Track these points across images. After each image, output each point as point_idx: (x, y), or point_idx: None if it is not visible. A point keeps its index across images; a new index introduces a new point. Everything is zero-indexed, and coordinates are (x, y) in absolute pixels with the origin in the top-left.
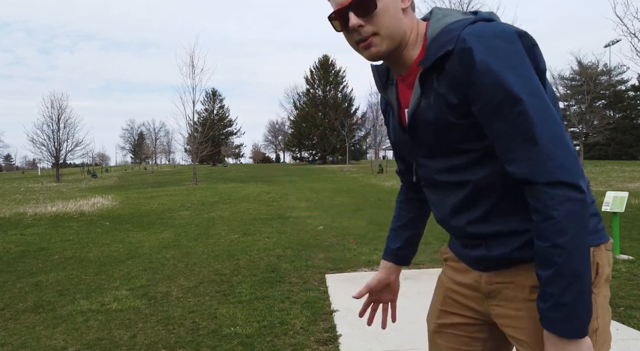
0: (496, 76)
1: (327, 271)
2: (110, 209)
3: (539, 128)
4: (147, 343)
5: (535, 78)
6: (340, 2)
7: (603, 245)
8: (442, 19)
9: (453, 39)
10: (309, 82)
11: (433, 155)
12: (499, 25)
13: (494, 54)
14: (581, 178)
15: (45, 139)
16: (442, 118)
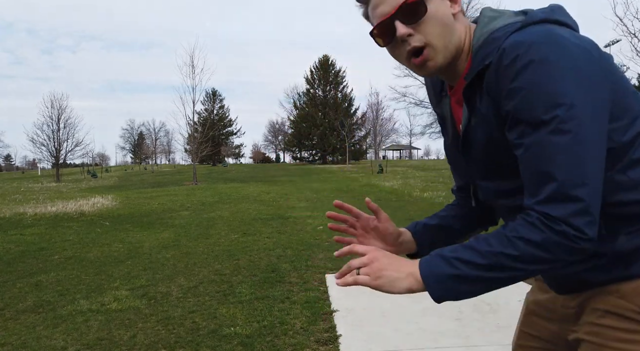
0: (535, 93)
1: (327, 272)
2: (110, 209)
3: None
4: (147, 343)
5: (584, 97)
6: (385, 12)
7: None
8: (489, 23)
9: (494, 50)
10: (309, 82)
11: (490, 177)
12: (548, 33)
13: (533, 69)
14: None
15: (45, 139)
16: (489, 137)
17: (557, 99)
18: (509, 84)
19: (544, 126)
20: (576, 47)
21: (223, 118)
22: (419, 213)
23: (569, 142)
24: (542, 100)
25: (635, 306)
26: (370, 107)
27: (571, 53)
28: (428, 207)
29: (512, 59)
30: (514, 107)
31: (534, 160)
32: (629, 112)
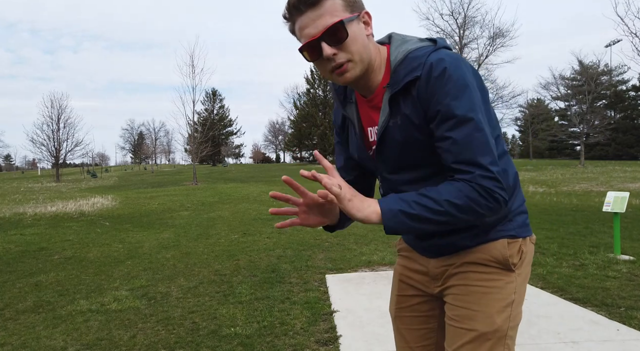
0: (461, 94)
1: (327, 272)
2: (110, 209)
3: (480, 145)
4: (147, 344)
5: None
6: (311, 34)
7: (528, 238)
8: (402, 44)
9: (420, 65)
10: (309, 82)
11: (398, 170)
12: (457, 55)
13: (456, 79)
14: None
15: (45, 139)
16: (408, 136)
17: (475, 103)
18: (442, 89)
19: (468, 122)
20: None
21: (223, 118)
22: None
23: (484, 134)
24: (468, 102)
25: (490, 257)
26: None
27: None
28: None
29: (441, 70)
30: (446, 106)
31: (462, 146)
32: (492, 120)
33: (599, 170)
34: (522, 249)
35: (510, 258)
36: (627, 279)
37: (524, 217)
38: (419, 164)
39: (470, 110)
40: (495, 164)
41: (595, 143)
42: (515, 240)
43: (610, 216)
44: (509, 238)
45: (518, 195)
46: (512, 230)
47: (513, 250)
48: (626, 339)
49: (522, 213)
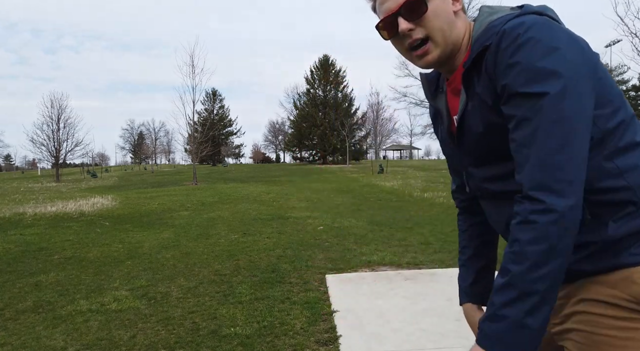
0: (530, 68)
1: (327, 272)
2: (110, 209)
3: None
4: (147, 344)
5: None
6: (390, 9)
7: None
8: (487, 17)
9: (493, 35)
10: (309, 82)
11: (480, 162)
12: (544, 19)
13: (532, 46)
14: (557, 195)
15: (45, 139)
16: (486, 120)
17: (549, 76)
18: (508, 59)
19: (535, 98)
20: (569, 35)
21: (223, 118)
22: (419, 213)
23: (556, 120)
24: (536, 74)
25: (626, 295)
26: (371, 107)
27: (565, 38)
28: (428, 207)
29: (514, 37)
30: (511, 80)
31: (523, 137)
32: (611, 103)
33: None
34: None
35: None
36: None
37: None
38: (504, 155)
39: (549, 84)
40: (570, 192)
41: None
42: None
43: None
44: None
45: None
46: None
47: None
48: None
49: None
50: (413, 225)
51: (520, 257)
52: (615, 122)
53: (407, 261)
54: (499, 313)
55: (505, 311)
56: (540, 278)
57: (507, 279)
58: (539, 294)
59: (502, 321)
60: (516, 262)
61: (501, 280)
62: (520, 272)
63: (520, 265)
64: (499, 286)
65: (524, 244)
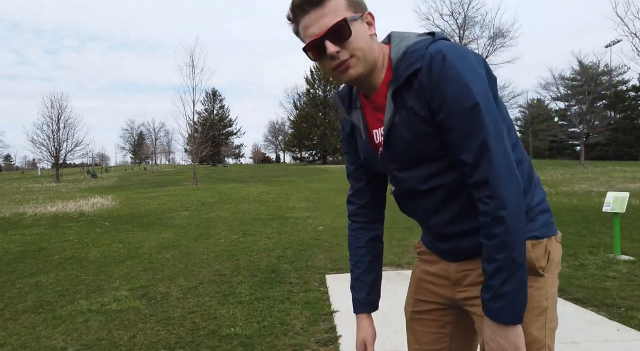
0: (462, 85)
1: (327, 272)
2: (110, 209)
3: (490, 130)
4: (147, 344)
5: (487, 88)
6: (315, 33)
7: (553, 237)
8: (401, 41)
9: (419, 58)
10: (309, 82)
11: (407, 167)
12: (456, 44)
13: (458, 66)
14: (505, 188)
15: (45, 139)
16: (416, 129)
17: (474, 92)
18: (444, 79)
19: (471, 110)
20: (474, 54)
21: (223, 119)
22: None
23: (494, 127)
24: (467, 91)
25: None
26: None
27: (473, 58)
28: None
29: (441, 60)
30: (450, 96)
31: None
32: (505, 120)
33: (599, 170)
34: (548, 250)
35: (536, 261)
36: (627, 279)
37: (546, 216)
38: (431, 158)
39: (476, 97)
40: (514, 183)
41: (595, 144)
42: (539, 241)
43: (610, 216)
44: (532, 239)
45: (537, 190)
46: (534, 231)
47: (538, 252)
48: (626, 339)
49: (545, 212)
50: (413, 225)
51: (502, 245)
52: (513, 139)
53: (407, 261)
54: (499, 292)
55: (504, 289)
56: (520, 254)
57: (497, 265)
58: (522, 266)
59: (505, 297)
60: (500, 250)
61: (492, 266)
62: (505, 257)
63: (504, 252)
64: (492, 272)
65: (501, 235)
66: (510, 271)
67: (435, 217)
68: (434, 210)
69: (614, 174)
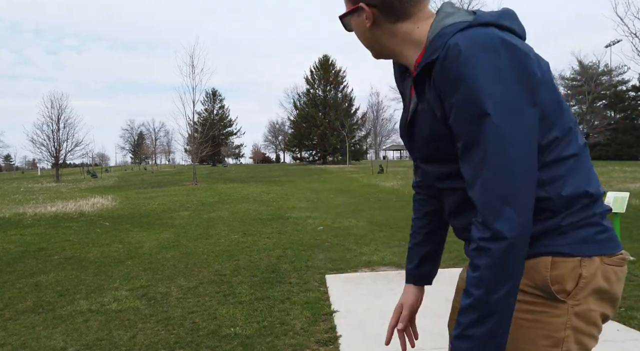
0: (472, 88)
1: (327, 272)
2: (110, 209)
3: (497, 147)
4: (147, 344)
5: (517, 96)
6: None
7: (598, 258)
8: (443, 19)
9: (441, 46)
10: (309, 82)
11: (427, 160)
12: (489, 35)
13: (473, 66)
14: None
15: (45, 139)
16: (432, 126)
17: (485, 99)
18: (451, 79)
19: (479, 120)
20: (510, 51)
21: (223, 119)
22: None
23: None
24: (476, 97)
25: (530, 282)
26: (371, 107)
27: (505, 57)
28: None
29: (455, 55)
30: (458, 99)
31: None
32: (547, 120)
33: (599, 170)
34: (580, 272)
35: (554, 282)
36: (627, 279)
37: (589, 230)
38: (446, 158)
39: (486, 107)
40: (519, 217)
41: (595, 144)
42: (566, 259)
43: (610, 216)
44: (556, 255)
45: (577, 211)
46: (561, 245)
47: (561, 270)
48: (626, 339)
49: (585, 226)
50: None
51: (480, 281)
52: (548, 139)
53: None
54: (465, 333)
55: (470, 331)
56: (499, 300)
57: (470, 301)
58: (499, 314)
59: (468, 340)
60: (476, 286)
61: (466, 302)
62: (480, 295)
63: (480, 289)
64: (464, 308)
65: (481, 269)
66: (482, 313)
67: (456, 218)
68: (455, 210)
69: (614, 174)
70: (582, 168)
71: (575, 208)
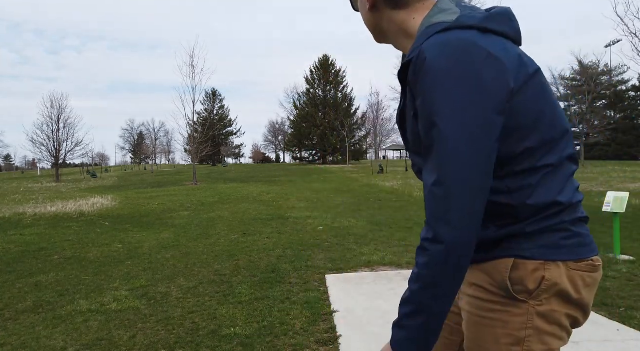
0: (430, 95)
1: (327, 272)
2: (110, 209)
3: (443, 159)
4: (147, 344)
5: (472, 109)
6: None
7: (562, 263)
8: (434, 16)
9: (417, 47)
10: (309, 82)
11: (413, 151)
12: (461, 42)
13: (434, 76)
14: (444, 225)
15: (44, 139)
16: (411, 122)
17: (438, 110)
18: (417, 84)
19: (436, 128)
20: (477, 62)
21: (223, 119)
22: (419, 213)
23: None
24: (431, 106)
25: (492, 281)
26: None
27: (468, 68)
28: None
29: (421, 62)
30: (420, 104)
31: (428, 158)
32: (519, 131)
33: (598, 170)
34: (543, 275)
35: (515, 283)
36: (627, 279)
37: (554, 237)
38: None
39: (436, 118)
40: (463, 224)
41: (595, 144)
42: (528, 262)
43: (610, 216)
44: (518, 258)
45: (545, 219)
46: (526, 250)
47: (522, 272)
48: (626, 339)
49: (552, 232)
50: (413, 225)
51: (417, 277)
52: (520, 149)
53: (407, 261)
54: (401, 323)
55: (405, 322)
56: (433, 298)
57: (408, 295)
58: (430, 312)
59: (403, 330)
60: (414, 281)
61: (406, 294)
62: (416, 291)
63: (416, 285)
64: (403, 299)
65: (420, 267)
66: (415, 308)
67: None
68: None
69: (613, 174)
70: (557, 179)
71: (542, 216)
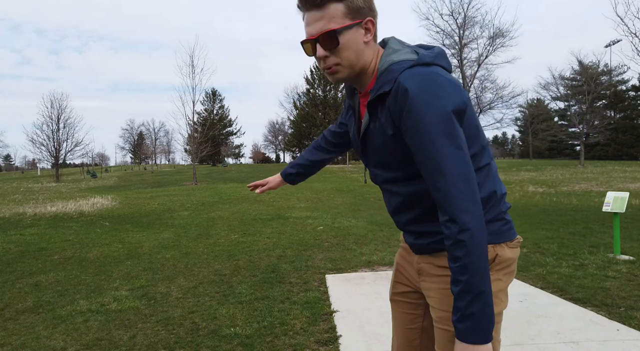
0: (419, 116)
1: (327, 272)
2: (110, 209)
3: (446, 155)
4: (147, 344)
5: (452, 124)
6: (310, 33)
7: (505, 244)
8: (391, 54)
9: (392, 80)
10: (309, 82)
11: (378, 166)
12: (431, 74)
13: (417, 103)
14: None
15: (44, 139)
16: (384, 141)
17: (429, 129)
18: (404, 108)
19: (426, 144)
20: (447, 89)
21: (223, 118)
22: None
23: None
24: (423, 124)
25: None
26: None
27: (442, 94)
28: None
29: (404, 90)
30: (408, 126)
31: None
32: (469, 139)
33: (598, 170)
34: (496, 253)
35: None
36: (627, 279)
37: (497, 225)
38: (394, 167)
39: (432, 135)
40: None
41: (595, 144)
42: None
43: (610, 216)
44: None
45: (491, 209)
46: None
47: None
48: (626, 339)
49: (496, 221)
50: None
51: (463, 268)
52: (471, 152)
53: None
54: (465, 313)
55: (468, 311)
56: (482, 278)
57: (461, 287)
58: (485, 290)
59: (470, 318)
60: (462, 273)
61: (457, 289)
62: (467, 280)
63: (465, 275)
64: (458, 294)
65: (462, 258)
66: (473, 293)
67: (397, 214)
68: (397, 209)
69: (613, 174)
70: (491, 175)
71: (489, 206)
